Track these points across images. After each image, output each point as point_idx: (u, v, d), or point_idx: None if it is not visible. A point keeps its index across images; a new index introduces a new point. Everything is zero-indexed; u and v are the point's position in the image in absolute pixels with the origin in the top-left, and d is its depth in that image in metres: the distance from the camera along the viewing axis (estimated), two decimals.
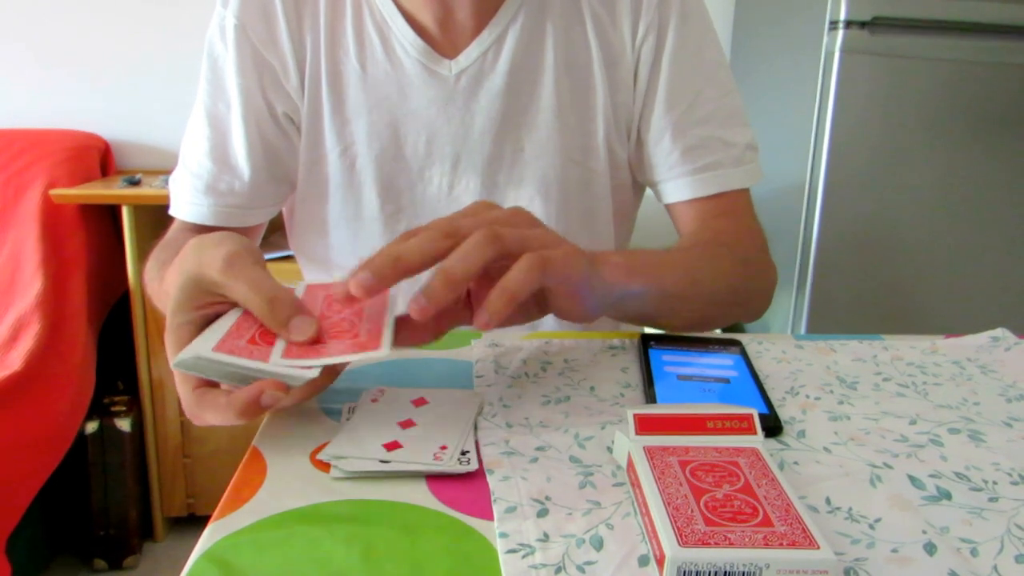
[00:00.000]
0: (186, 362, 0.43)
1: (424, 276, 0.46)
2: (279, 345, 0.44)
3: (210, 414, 0.44)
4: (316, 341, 0.45)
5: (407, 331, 0.48)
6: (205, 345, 0.43)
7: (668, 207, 0.80)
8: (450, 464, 0.42)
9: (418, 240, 0.46)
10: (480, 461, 0.43)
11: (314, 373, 0.43)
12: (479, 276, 0.46)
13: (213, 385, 0.45)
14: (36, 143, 1.77)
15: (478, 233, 0.45)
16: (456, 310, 0.51)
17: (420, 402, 0.49)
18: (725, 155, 0.77)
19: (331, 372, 0.47)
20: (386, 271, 0.45)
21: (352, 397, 0.50)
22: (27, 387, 1.41)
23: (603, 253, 0.56)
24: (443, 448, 0.44)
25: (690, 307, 0.64)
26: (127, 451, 1.67)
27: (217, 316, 0.47)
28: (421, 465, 0.42)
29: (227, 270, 0.45)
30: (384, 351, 0.44)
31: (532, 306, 0.53)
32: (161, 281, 0.64)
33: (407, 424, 0.47)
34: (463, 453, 0.43)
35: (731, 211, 0.77)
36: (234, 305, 0.47)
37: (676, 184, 0.78)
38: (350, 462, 0.42)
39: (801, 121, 1.54)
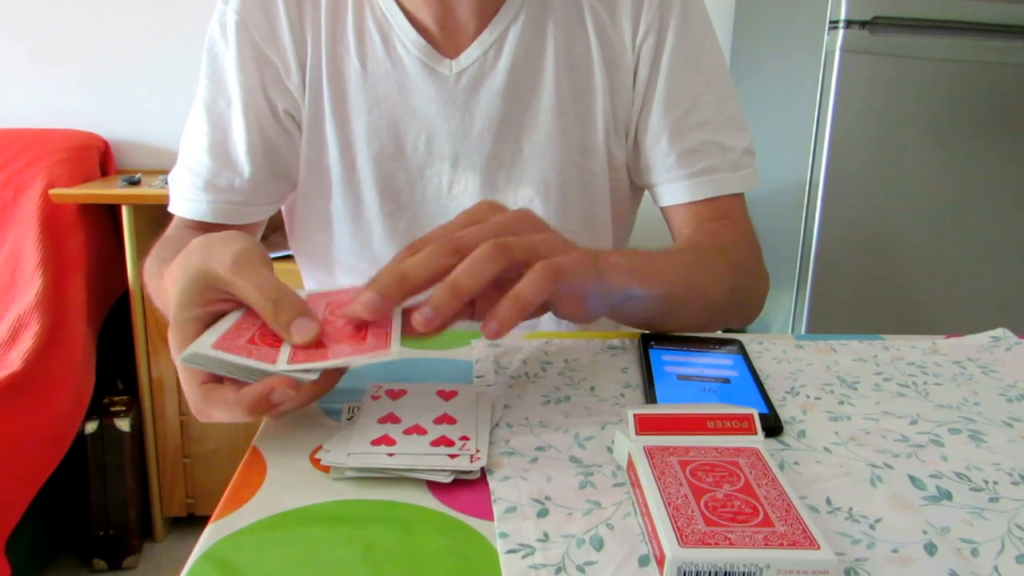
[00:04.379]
0: (188, 358, 0.43)
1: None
2: (285, 349, 0.44)
3: (217, 410, 0.44)
4: (320, 345, 0.45)
5: (408, 326, 0.47)
6: (204, 342, 0.43)
7: (664, 210, 0.80)
8: (459, 463, 0.42)
9: (424, 256, 0.46)
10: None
11: (313, 376, 0.43)
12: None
13: (220, 381, 0.44)
14: (36, 143, 1.77)
15: (486, 246, 0.45)
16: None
17: (442, 394, 0.49)
18: (722, 159, 0.77)
19: (331, 378, 0.47)
20: (392, 291, 0.45)
21: (352, 397, 0.50)
22: (27, 387, 1.41)
23: (606, 255, 0.55)
24: (464, 438, 0.44)
25: (687, 311, 0.64)
26: (127, 451, 1.67)
27: (223, 314, 0.47)
28: (422, 465, 0.42)
29: (235, 268, 0.45)
30: (394, 353, 0.44)
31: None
32: (161, 278, 0.64)
33: (412, 428, 0.46)
34: (476, 452, 0.43)
35: (727, 215, 0.77)
36: (239, 304, 0.47)
37: (672, 187, 0.78)
38: (354, 458, 0.42)
39: (801, 121, 1.54)
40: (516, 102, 0.75)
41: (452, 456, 0.42)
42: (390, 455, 0.42)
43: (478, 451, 0.43)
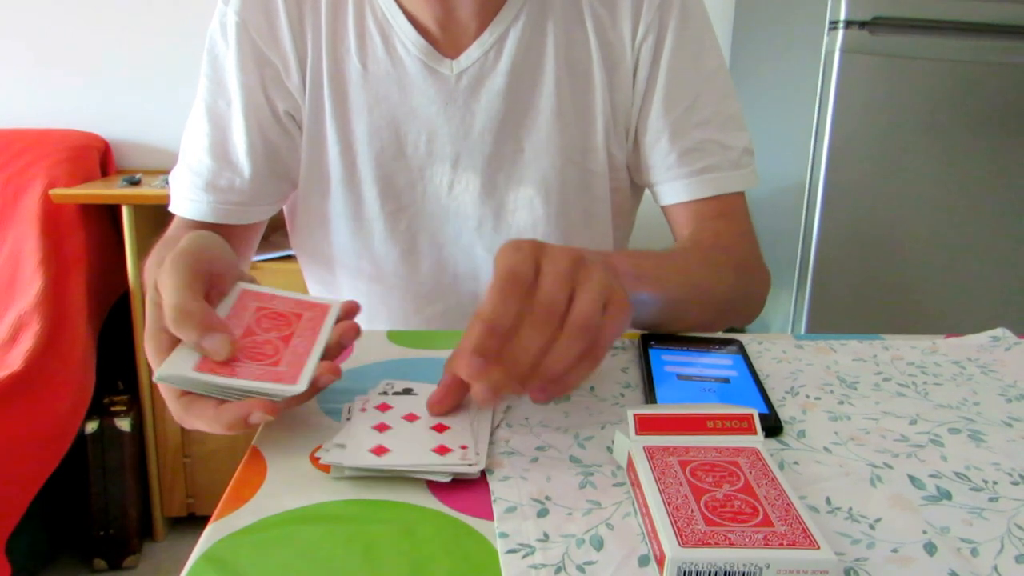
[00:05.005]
0: (168, 379, 0.44)
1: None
2: (189, 357, 0.45)
3: (198, 422, 0.45)
4: (232, 358, 0.45)
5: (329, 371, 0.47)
6: (186, 365, 0.44)
7: (664, 209, 0.80)
8: (454, 464, 0.42)
9: (528, 341, 0.43)
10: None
11: (301, 389, 0.44)
12: None
13: (197, 396, 0.46)
14: (36, 143, 1.77)
15: (572, 336, 0.43)
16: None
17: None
18: (722, 158, 0.77)
19: (311, 390, 0.47)
20: (501, 383, 0.42)
21: (352, 397, 0.50)
22: (27, 387, 1.41)
23: (615, 262, 0.54)
24: (463, 448, 0.44)
25: (691, 312, 0.64)
26: (127, 451, 1.67)
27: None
28: (421, 465, 0.42)
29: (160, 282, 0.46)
30: (300, 388, 0.44)
31: None
32: None
33: (411, 417, 0.46)
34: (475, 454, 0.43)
35: (727, 214, 0.77)
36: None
37: (673, 186, 0.78)
38: (349, 456, 0.42)
39: (801, 121, 1.54)
40: (516, 102, 0.75)
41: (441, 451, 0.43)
42: (390, 455, 0.42)
43: (477, 455, 0.43)
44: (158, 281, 0.47)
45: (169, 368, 0.44)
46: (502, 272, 0.44)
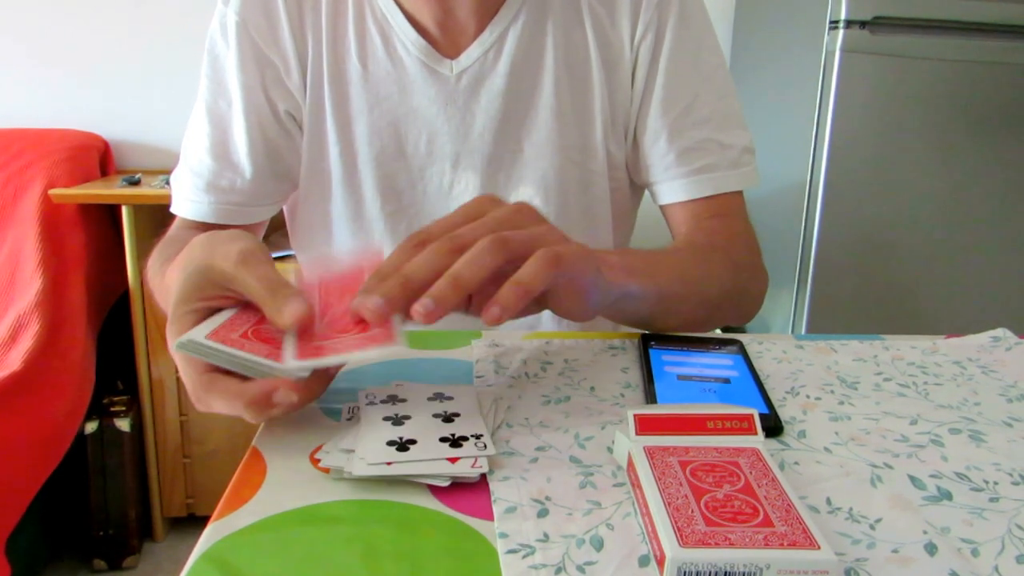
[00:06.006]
0: (182, 344, 0.43)
1: None
2: (290, 345, 0.45)
3: (218, 401, 0.44)
4: (323, 337, 0.45)
5: (407, 316, 0.47)
6: (200, 332, 0.44)
7: (662, 208, 0.80)
8: (459, 468, 0.42)
9: (426, 257, 0.46)
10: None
11: (305, 372, 0.44)
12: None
13: (222, 372, 0.45)
14: (36, 143, 1.77)
15: (486, 240, 0.45)
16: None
17: (443, 395, 0.49)
18: (721, 157, 0.77)
19: (324, 379, 0.47)
20: (395, 294, 0.44)
21: (352, 397, 0.50)
22: (27, 387, 1.41)
23: (602, 254, 0.56)
24: (462, 439, 0.44)
25: (683, 309, 0.64)
26: (127, 451, 1.67)
27: (219, 310, 0.47)
28: (423, 472, 0.42)
29: (241, 263, 0.45)
30: (400, 345, 0.44)
31: (531, 301, 0.53)
32: (163, 277, 0.64)
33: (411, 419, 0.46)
34: (478, 455, 0.43)
35: (725, 213, 0.77)
36: (237, 302, 0.47)
37: (671, 186, 0.78)
38: (353, 463, 0.42)
39: (801, 121, 1.54)
40: (516, 102, 0.75)
41: (452, 460, 0.42)
42: (389, 463, 0.42)
43: (476, 460, 0.43)
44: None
45: (186, 336, 0.43)
46: (445, 217, 0.48)
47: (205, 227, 0.76)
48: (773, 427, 0.47)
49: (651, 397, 0.51)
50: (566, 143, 0.77)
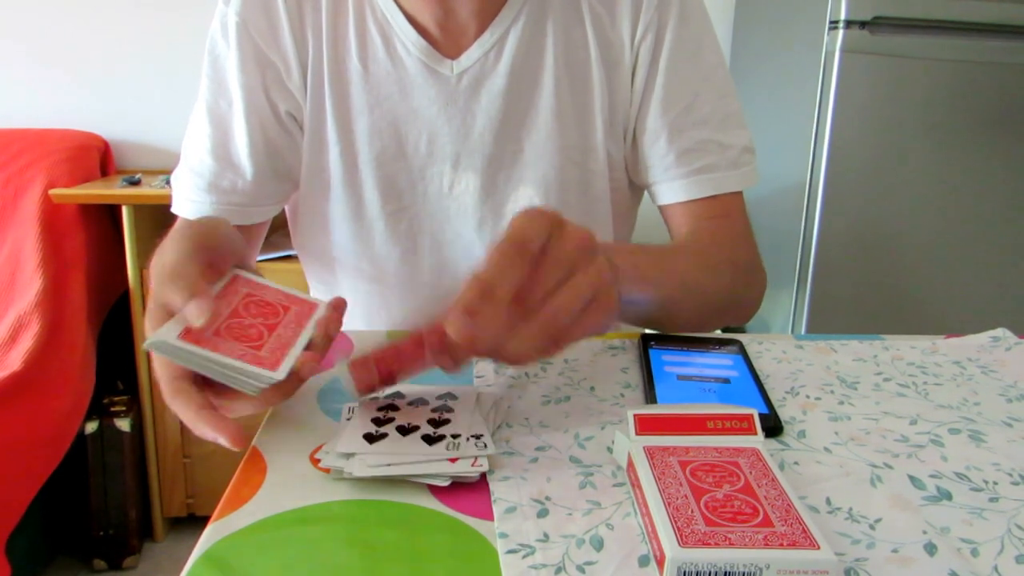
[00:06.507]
0: (155, 345, 0.43)
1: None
2: (175, 327, 0.44)
3: (178, 411, 0.45)
4: (216, 333, 0.45)
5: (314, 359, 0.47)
6: (172, 331, 0.44)
7: (662, 208, 0.80)
8: (459, 468, 0.42)
9: (523, 336, 0.44)
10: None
11: (280, 376, 0.44)
12: None
13: (189, 382, 0.45)
14: (36, 143, 1.77)
15: (557, 335, 0.44)
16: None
17: (442, 395, 0.49)
18: (721, 158, 0.76)
19: (294, 383, 0.46)
20: (469, 352, 0.46)
21: (352, 397, 0.50)
22: (27, 387, 1.41)
23: (616, 255, 0.52)
24: (463, 436, 0.44)
25: (685, 310, 0.64)
26: (127, 451, 1.67)
27: None
28: (423, 472, 0.42)
29: (169, 280, 0.46)
30: (279, 376, 0.44)
31: None
32: None
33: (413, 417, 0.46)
34: (476, 457, 0.43)
35: (725, 214, 0.77)
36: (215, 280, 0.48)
37: (671, 186, 0.78)
38: (354, 463, 0.42)
39: (801, 121, 1.54)
40: (517, 102, 0.75)
41: (452, 460, 0.42)
42: (389, 464, 0.42)
43: (476, 460, 0.43)
44: (162, 247, 0.47)
45: (156, 336, 0.43)
46: (513, 236, 0.44)
47: None
48: (773, 427, 0.47)
49: (651, 397, 0.51)
50: (566, 143, 0.77)
